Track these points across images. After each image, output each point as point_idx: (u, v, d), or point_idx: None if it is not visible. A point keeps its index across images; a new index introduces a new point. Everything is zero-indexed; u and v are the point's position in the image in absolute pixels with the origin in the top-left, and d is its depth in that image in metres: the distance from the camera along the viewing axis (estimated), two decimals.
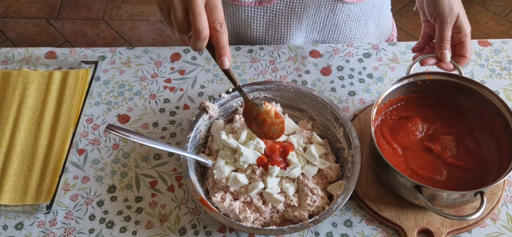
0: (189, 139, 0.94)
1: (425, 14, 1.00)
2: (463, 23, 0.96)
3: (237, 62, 1.13)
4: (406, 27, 2.59)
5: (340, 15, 1.15)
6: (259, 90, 1.00)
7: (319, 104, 0.98)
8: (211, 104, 0.98)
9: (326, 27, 1.17)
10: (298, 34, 1.17)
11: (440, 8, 0.95)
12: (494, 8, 2.66)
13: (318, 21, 1.16)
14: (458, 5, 0.96)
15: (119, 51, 1.15)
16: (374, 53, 1.15)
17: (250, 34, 1.17)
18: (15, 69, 1.11)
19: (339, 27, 1.18)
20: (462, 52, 0.97)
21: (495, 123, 0.94)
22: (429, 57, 0.98)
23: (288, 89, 1.00)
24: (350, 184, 0.87)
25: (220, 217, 0.85)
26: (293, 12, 1.12)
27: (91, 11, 2.65)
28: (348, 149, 0.93)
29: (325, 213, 0.85)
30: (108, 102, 1.07)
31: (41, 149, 0.98)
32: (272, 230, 0.85)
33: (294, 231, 0.84)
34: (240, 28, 1.17)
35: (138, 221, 0.91)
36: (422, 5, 1.00)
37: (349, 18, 1.17)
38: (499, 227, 0.91)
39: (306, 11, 1.13)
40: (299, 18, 1.14)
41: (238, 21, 1.16)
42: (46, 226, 0.91)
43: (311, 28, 1.17)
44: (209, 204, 0.87)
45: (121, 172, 0.97)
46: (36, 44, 2.48)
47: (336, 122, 0.96)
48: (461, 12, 0.96)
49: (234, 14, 1.15)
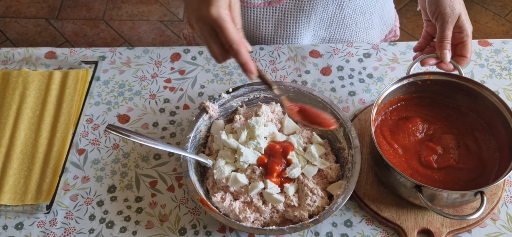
0: (189, 139, 0.94)
1: (427, 13, 1.00)
2: (464, 23, 0.96)
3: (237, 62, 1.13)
4: (406, 27, 2.59)
5: (346, 10, 1.16)
6: (259, 90, 1.00)
7: (319, 104, 0.98)
8: (211, 104, 0.98)
9: (333, 23, 1.18)
10: (306, 32, 1.17)
11: (442, 7, 0.95)
12: (494, 8, 2.66)
13: (325, 18, 1.16)
14: (460, 5, 0.96)
15: (119, 51, 1.15)
16: (374, 53, 1.15)
17: (259, 34, 1.17)
18: (15, 69, 1.11)
19: (346, 22, 1.18)
20: (462, 52, 0.97)
21: (495, 123, 0.94)
22: (430, 57, 0.98)
23: (288, 90, 1.00)
24: (350, 184, 0.87)
25: (220, 217, 0.85)
26: (301, 11, 1.13)
27: (91, 11, 2.65)
28: (348, 149, 0.93)
29: (325, 213, 0.85)
30: (108, 102, 1.07)
31: (41, 149, 0.98)
32: (272, 230, 0.85)
33: (294, 231, 0.84)
34: (249, 29, 1.17)
35: (138, 221, 0.91)
36: (424, 4, 1.00)
37: (355, 12, 1.17)
38: (499, 227, 0.91)
39: (314, 9, 1.13)
40: (308, 16, 1.14)
41: (247, 22, 1.16)
42: (46, 226, 0.91)
43: (318, 25, 1.17)
44: (209, 204, 0.87)
45: (121, 172, 0.97)
46: (36, 44, 2.48)
47: (337, 120, 0.96)
48: (462, 12, 0.96)
49: (243, 15, 1.15)
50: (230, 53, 0.80)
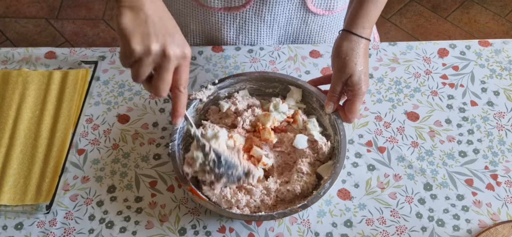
0: (177, 130, 0.94)
1: None
2: (355, 84, 0.92)
3: (237, 62, 1.13)
4: (406, 27, 2.59)
5: (312, 25, 1.15)
6: (244, 81, 1.02)
7: (305, 92, 1.01)
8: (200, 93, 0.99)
9: (299, 37, 1.17)
10: (270, 42, 1.17)
11: (335, 62, 0.93)
12: (494, 8, 2.66)
13: (290, 31, 1.16)
14: (356, 65, 0.91)
15: (119, 51, 1.15)
16: (374, 53, 1.15)
17: (221, 38, 1.17)
18: (15, 69, 1.11)
19: (313, 37, 1.18)
20: (348, 109, 0.95)
21: None
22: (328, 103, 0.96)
23: (273, 79, 1.01)
24: (337, 168, 0.89)
25: (209, 205, 0.86)
26: (262, 21, 1.12)
27: (91, 11, 2.65)
28: (334, 135, 0.95)
29: (313, 198, 0.86)
30: (108, 102, 1.07)
31: (41, 149, 0.98)
32: (261, 216, 0.86)
33: (283, 216, 0.86)
34: (211, 31, 1.17)
35: (138, 221, 0.91)
36: None
37: (322, 29, 1.17)
38: None
39: (276, 21, 1.13)
40: (270, 26, 1.14)
41: (209, 25, 1.16)
42: (46, 226, 0.91)
43: (283, 37, 1.17)
44: (199, 193, 0.87)
45: (121, 172, 0.97)
46: (36, 44, 2.48)
47: (322, 109, 0.98)
48: (356, 73, 0.91)
49: (205, 18, 1.15)
50: (165, 92, 0.75)
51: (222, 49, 1.15)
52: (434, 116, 1.05)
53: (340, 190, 0.95)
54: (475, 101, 1.07)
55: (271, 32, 1.15)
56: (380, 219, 0.92)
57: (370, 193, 0.95)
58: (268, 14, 1.11)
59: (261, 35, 1.15)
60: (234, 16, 1.12)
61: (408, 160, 0.99)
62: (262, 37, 1.16)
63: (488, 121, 1.04)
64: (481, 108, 1.06)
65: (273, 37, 1.16)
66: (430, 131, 1.02)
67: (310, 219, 0.92)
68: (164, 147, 1.00)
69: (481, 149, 1.00)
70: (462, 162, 0.99)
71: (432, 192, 0.95)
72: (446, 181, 0.96)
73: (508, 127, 1.03)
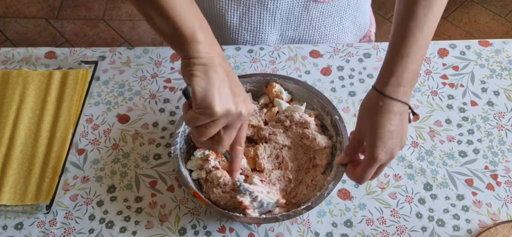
0: (178, 134, 0.93)
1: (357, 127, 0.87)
2: (367, 146, 0.82)
3: (237, 62, 1.13)
4: None
5: (313, 12, 1.16)
6: (245, 83, 1.01)
7: (305, 93, 1.01)
8: None
9: (301, 24, 1.18)
10: (272, 29, 1.17)
11: (368, 141, 0.81)
12: (494, 8, 2.65)
13: (292, 19, 1.16)
14: (389, 142, 0.79)
15: (119, 51, 1.15)
16: (375, 53, 1.15)
17: (225, 24, 1.18)
18: (15, 69, 1.11)
19: (314, 23, 1.18)
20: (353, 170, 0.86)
21: None
22: None
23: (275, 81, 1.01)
24: (340, 169, 0.88)
25: (213, 208, 0.86)
26: (265, 8, 1.13)
27: (91, 11, 2.65)
28: (336, 135, 0.95)
29: (316, 199, 0.86)
30: (108, 102, 1.07)
31: (41, 149, 0.98)
32: (265, 218, 0.85)
33: (287, 218, 0.85)
34: (216, 19, 1.18)
35: (138, 221, 0.91)
36: None
37: (323, 15, 1.17)
38: None
39: (279, 9, 1.13)
40: (272, 14, 1.14)
41: (213, 12, 1.17)
42: (46, 226, 0.91)
43: (285, 25, 1.17)
44: (202, 197, 0.87)
45: (121, 172, 0.97)
46: (36, 44, 2.48)
47: (323, 110, 0.98)
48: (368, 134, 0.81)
49: (210, 5, 1.16)
50: (225, 148, 0.76)
51: (222, 49, 1.15)
52: (434, 116, 1.05)
53: (340, 190, 0.95)
54: (475, 101, 1.07)
55: (273, 20, 1.15)
56: (380, 219, 0.92)
57: (370, 193, 0.95)
58: (271, 2, 1.11)
59: (264, 22, 1.15)
60: (237, 3, 1.13)
61: (408, 159, 0.99)
62: (264, 24, 1.16)
63: (488, 121, 1.04)
64: (481, 108, 1.06)
65: (275, 24, 1.16)
66: (430, 130, 1.03)
67: (310, 219, 0.92)
68: (164, 147, 1.01)
69: (481, 149, 1.00)
70: (462, 162, 0.99)
71: (432, 192, 0.95)
72: (446, 181, 0.96)
73: (508, 127, 1.03)
